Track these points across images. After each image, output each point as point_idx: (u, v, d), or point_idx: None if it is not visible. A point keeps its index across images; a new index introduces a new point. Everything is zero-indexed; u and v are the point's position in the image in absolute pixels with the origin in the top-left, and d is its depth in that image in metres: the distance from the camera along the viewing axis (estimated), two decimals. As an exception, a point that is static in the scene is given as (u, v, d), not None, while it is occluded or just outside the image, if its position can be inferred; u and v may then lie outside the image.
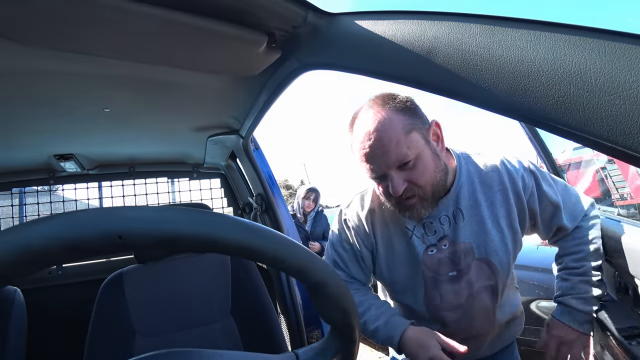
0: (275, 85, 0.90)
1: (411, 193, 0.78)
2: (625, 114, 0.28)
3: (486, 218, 0.85)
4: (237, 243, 0.28)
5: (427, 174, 0.77)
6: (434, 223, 0.86)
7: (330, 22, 0.59)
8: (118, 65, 0.80)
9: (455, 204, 0.85)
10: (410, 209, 0.80)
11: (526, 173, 0.88)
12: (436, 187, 0.80)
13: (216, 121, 1.34)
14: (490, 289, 0.88)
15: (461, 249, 0.85)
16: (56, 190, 2.05)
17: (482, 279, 0.87)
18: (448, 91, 0.44)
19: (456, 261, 0.86)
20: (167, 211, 0.27)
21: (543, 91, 0.33)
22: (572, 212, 0.91)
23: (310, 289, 0.34)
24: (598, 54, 0.30)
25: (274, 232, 0.31)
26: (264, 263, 0.32)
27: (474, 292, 0.87)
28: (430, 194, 0.79)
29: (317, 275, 0.32)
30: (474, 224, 0.85)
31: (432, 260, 0.86)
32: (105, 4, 0.52)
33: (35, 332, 1.52)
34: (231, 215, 0.31)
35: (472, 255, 0.86)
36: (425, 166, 0.77)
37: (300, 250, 0.32)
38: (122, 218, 0.25)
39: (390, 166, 0.75)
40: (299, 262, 0.31)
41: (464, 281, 0.86)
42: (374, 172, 0.78)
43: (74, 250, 0.24)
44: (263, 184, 1.61)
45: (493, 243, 0.85)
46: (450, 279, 0.86)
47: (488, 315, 0.90)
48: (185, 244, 0.27)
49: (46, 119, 1.11)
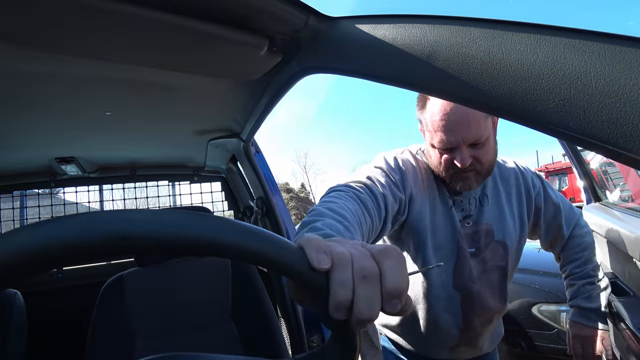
0: (276, 89, 0.91)
1: (471, 167, 0.87)
2: (626, 117, 0.28)
3: (504, 206, 0.98)
4: (241, 248, 0.28)
5: (489, 154, 0.88)
6: (464, 202, 0.96)
7: (331, 26, 0.60)
8: (119, 68, 0.80)
9: (483, 190, 0.98)
10: (464, 180, 0.89)
11: (534, 176, 1.04)
12: (491, 166, 0.91)
13: (217, 124, 1.34)
14: (501, 269, 0.98)
15: (482, 229, 0.95)
16: (57, 193, 2.05)
17: (496, 259, 0.97)
18: (449, 94, 0.44)
19: (476, 239, 0.95)
20: (169, 214, 0.27)
21: (543, 94, 0.33)
22: (568, 215, 1.05)
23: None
24: (598, 57, 0.30)
25: (278, 237, 0.31)
26: (267, 268, 0.32)
27: (487, 268, 0.96)
28: (485, 171, 0.90)
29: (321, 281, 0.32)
30: (495, 209, 0.97)
31: (463, 232, 0.94)
32: (107, 7, 0.53)
33: (35, 334, 1.51)
34: (234, 219, 0.31)
35: (492, 236, 0.96)
36: (490, 148, 0.87)
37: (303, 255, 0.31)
38: (125, 221, 0.25)
39: (466, 141, 0.84)
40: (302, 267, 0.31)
41: (480, 257, 0.95)
42: (448, 142, 0.84)
43: (76, 252, 0.24)
44: (264, 187, 1.61)
45: (509, 228, 0.97)
46: (470, 255, 0.95)
47: (500, 292, 0.99)
48: (189, 247, 0.27)
49: (47, 122, 1.11)
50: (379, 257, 0.32)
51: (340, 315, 0.30)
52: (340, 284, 0.30)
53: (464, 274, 0.94)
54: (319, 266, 0.30)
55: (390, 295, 0.30)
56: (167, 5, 0.55)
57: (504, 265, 0.98)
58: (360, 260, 0.31)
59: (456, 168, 0.87)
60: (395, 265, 0.31)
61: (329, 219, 0.60)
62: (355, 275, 0.30)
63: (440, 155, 0.88)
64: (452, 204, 0.94)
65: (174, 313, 1.17)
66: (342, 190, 0.76)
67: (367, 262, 0.31)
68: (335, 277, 0.30)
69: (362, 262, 0.31)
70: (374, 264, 0.31)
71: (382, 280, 0.31)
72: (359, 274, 0.30)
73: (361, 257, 0.31)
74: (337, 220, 0.61)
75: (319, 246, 0.31)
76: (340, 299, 0.30)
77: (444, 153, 0.88)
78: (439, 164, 0.90)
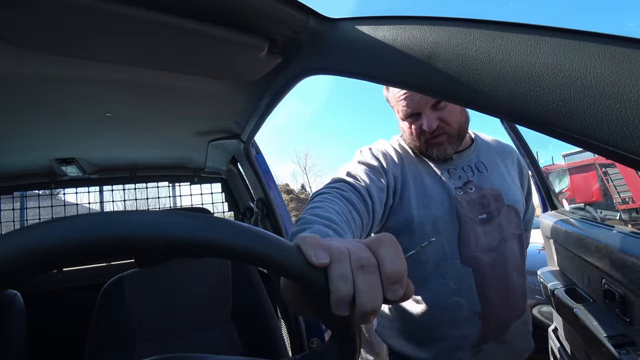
0: (276, 90, 0.91)
1: (441, 131, 0.87)
2: (626, 118, 0.28)
3: (505, 174, 0.97)
4: (238, 248, 0.28)
5: (455, 114, 0.87)
6: (458, 170, 0.94)
7: (331, 28, 0.60)
8: (120, 70, 0.80)
9: (477, 157, 0.97)
10: (438, 146, 0.89)
11: (521, 157, 1.10)
12: (462, 127, 0.90)
13: (217, 126, 1.34)
14: (518, 238, 0.93)
15: (489, 193, 0.91)
16: (57, 194, 2.05)
17: (511, 226, 0.91)
18: (449, 96, 0.44)
19: (485, 204, 0.90)
20: (174, 216, 0.27)
21: (543, 95, 0.33)
22: (531, 204, 1.10)
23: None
24: (598, 58, 0.30)
25: (275, 237, 0.31)
26: (265, 269, 0.32)
27: (505, 236, 0.90)
28: (456, 133, 0.89)
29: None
30: (497, 176, 0.95)
31: (463, 200, 0.90)
32: (107, 9, 0.53)
33: (36, 336, 1.51)
34: (239, 222, 0.31)
35: (502, 200, 0.92)
36: (454, 108, 0.87)
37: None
38: (130, 222, 0.26)
39: (427, 103, 0.84)
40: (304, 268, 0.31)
41: (495, 224, 0.90)
42: (410, 108, 0.86)
43: (80, 252, 0.24)
44: (264, 188, 1.61)
45: (517, 195, 0.95)
46: (480, 222, 0.89)
47: (518, 266, 0.92)
48: (191, 248, 0.27)
49: (48, 123, 1.12)
50: (374, 246, 0.32)
51: (343, 311, 0.30)
52: (340, 277, 0.30)
53: (470, 244, 0.86)
54: (318, 262, 0.30)
55: (390, 280, 0.30)
56: (167, 7, 0.56)
57: (520, 234, 0.93)
58: (357, 252, 0.31)
59: (427, 134, 0.88)
60: (390, 249, 0.31)
61: (317, 225, 0.60)
62: (353, 267, 0.30)
63: (410, 125, 0.90)
64: (440, 174, 0.92)
65: (174, 314, 1.17)
66: (326, 193, 0.76)
67: (364, 253, 0.31)
68: (334, 271, 0.30)
69: (359, 253, 0.31)
70: (370, 254, 0.31)
71: (380, 268, 0.30)
72: (356, 264, 0.30)
73: (357, 249, 0.31)
74: (325, 224, 0.60)
75: (315, 243, 0.31)
76: (342, 294, 0.29)
77: (412, 123, 0.89)
78: (411, 135, 0.91)
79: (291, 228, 1.65)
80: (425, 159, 0.94)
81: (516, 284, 0.90)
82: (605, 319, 0.90)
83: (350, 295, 0.29)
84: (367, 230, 0.80)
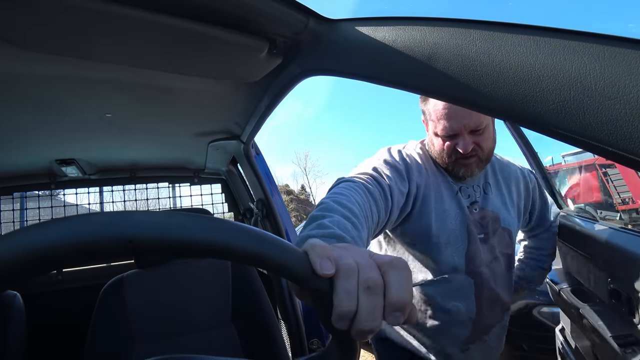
0: (277, 91, 0.91)
1: (473, 153, 0.91)
2: (626, 118, 0.28)
3: (505, 196, 1.03)
4: (248, 251, 0.29)
5: (489, 141, 0.92)
6: (469, 189, 0.99)
7: (331, 28, 0.60)
8: (120, 71, 0.80)
9: (485, 178, 1.03)
10: (466, 166, 0.93)
11: (529, 172, 1.12)
12: (491, 153, 0.95)
13: (217, 126, 1.34)
14: (508, 258, 1.02)
15: (489, 216, 0.99)
16: (57, 195, 2.05)
17: (502, 245, 1.00)
18: (449, 96, 0.44)
19: (484, 225, 0.98)
20: (178, 217, 0.28)
21: (543, 96, 0.33)
22: (551, 208, 1.16)
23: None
24: (598, 58, 0.30)
25: (284, 242, 0.31)
26: (273, 272, 0.32)
27: (496, 255, 0.99)
28: (486, 157, 0.94)
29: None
30: (498, 197, 1.02)
31: (471, 218, 0.97)
32: (107, 10, 0.53)
33: (35, 336, 1.51)
34: (242, 223, 0.31)
35: (498, 223, 1.00)
36: (490, 135, 0.92)
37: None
38: (133, 222, 0.26)
39: (467, 128, 0.88)
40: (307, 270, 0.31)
41: (489, 244, 0.98)
42: (450, 129, 0.89)
43: (84, 253, 0.24)
44: (264, 189, 1.61)
45: (511, 217, 1.02)
46: (480, 240, 0.97)
47: (504, 281, 1.02)
48: (196, 250, 0.27)
49: (48, 124, 1.12)
50: (385, 268, 0.32)
51: (342, 325, 0.30)
52: (345, 293, 0.30)
53: (476, 259, 0.95)
54: (322, 272, 0.30)
55: (393, 307, 0.30)
56: (167, 8, 0.56)
57: (510, 253, 1.01)
58: (366, 271, 0.31)
59: (458, 154, 0.91)
60: (401, 277, 0.31)
61: (337, 215, 0.61)
62: (360, 285, 0.30)
63: (443, 142, 0.92)
64: (457, 190, 0.98)
65: (174, 315, 1.17)
66: (351, 181, 0.78)
67: (373, 273, 0.31)
68: (340, 285, 0.30)
69: (368, 272, 0.31)
70: (379, 275, 0.31)
71: (386, 292, 0.31)
72: (364, 284, 0.30)
73: (367, 268, 0.31)
74: (345, 216, 0.62)
75: (322, 252, 0.31)
76: (344, 309, 0.30)
77: (447, 140, 0.92)
78: (442, 151, 0.94)
79: (291, 228, 1.66)
80: (446, 173, 0.98)
81: (502, 297, 1.00)
82: (611, 318, 0.91)
83: (352, 312, 0.30)
84: (381, 228, 0.83)
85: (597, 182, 2.29)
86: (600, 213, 1.97)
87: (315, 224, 0.57)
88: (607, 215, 2.17)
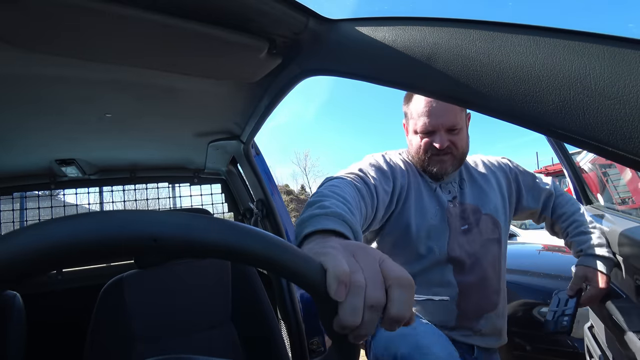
0: (277, 91, 0.91)
1: (448, 151, 0.99)
2: (625, 118, 0.28)
3: (483, 186, 1.10)
4: (267, 257, 0.30)
5: (463, 142, 1.01)
6: (448, 185, 1.08)
7: (331, 28, 0.60)
8: (120, 71, 0.80)
9: (460, 176, 1.10)
10: (441, 162, 1.00)
11: (501, 160, 1.19)
12: (464, 153, 1.03)
13: (217, 127, 1.34)
14: (496, 241, 1.07)
15: (469, 208, 1.06)
16: (57, 195, 2.05)
17: (488, 232, 1.06)
18: (449, 96, 0.44)
19: (465, 217, 1.05)
20: (201, 219, 0.28)
21: (543, 96, 0.33)
22: (542, 179, 1.19)
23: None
24: (598, 59, 0.30)
25: (302, 252, 0.33)
26: (289, 280, 0.34)
27: (483, 241, 1.05)
28: (459, 157, 1.01)
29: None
30: (475, 190, 1.09)
31: (452, 212, 1.04)
32: (107, 10, 0.53)
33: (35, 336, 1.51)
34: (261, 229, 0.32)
35: (480, 212, 1.07)
36: (464, 136, 1.01)
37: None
38: (158, 222, 0.26)
39: (444, 125, 0.96)
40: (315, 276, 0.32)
41: (475, 232, 1.05)
42: (429, 125, 0.97)
43: (108, 249, 0.25)
44: (264, 189, 1.61)
45: (494, 203, 1.08)
46: (463, 232, 1.04)
47: (495, 265, 1.06)
48: (216, 252, 0.28)
49: (48, 124, 1.12)
50: (391, 282, 0.34)
51: (343, 332, 0.33)
52: (352, 309, 0.32)
53: (456, 249, 1.02)
54: (335, 297, 0.32)
55: (391, 320, 0.33)
56: (167, 8, 0.56)
57: (497, 237, 1.07)
58: (372, 290, 0.33)
59: (434, 150, 0.98)
60: (404, 296, 0.33)
61: (334, 199, 0.64)
62: (365, 303, 0.33)
63: (421, 139, 1.00)
64: (436, 187, 1.06)
65: (174, 315, 1.17)
66: (340, 178, 0.83)
67: (378, 293, 0.33)
68: (348, 302, 0.32)
69: (374, 292, 0.33)
70: (384, 295, 0.33)
71: (386, 307, 0.33)
72: (369, 303, 0.33)
73: (373, 286, 0.33)
74: (342, 202, 0.65)
75: (341, 276, 0.32)
76: (349, 324, 0.32)
77: (425, 137, 0.99)
78: (419, 148, 1.01)
79: (291, 228, 1.66)
80: (424, 174, 1.06)
81: (491, 281, 1.05)
82: (637, 314, 0.91)
83: (355, 326, 0.32)
84: (369, 224, 0.90)
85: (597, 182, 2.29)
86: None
87: (316, 205, 0.61)
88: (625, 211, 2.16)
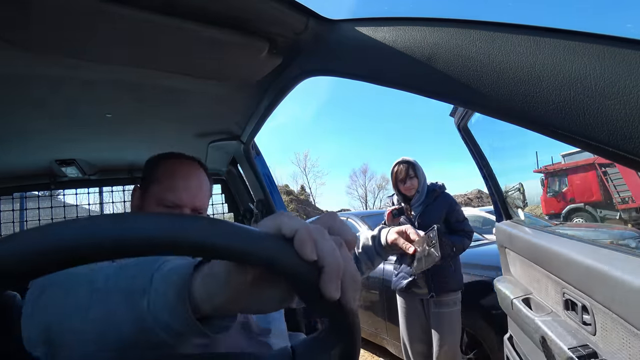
0: (277, 92, 0.91)
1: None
2: (625, 119, 0.28)
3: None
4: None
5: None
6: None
7: (331, 29, 0.60)
8: (120, 71, 0.80)
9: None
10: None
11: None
12: None
13: (217, 127, 1.34)
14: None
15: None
16: (57, 196, 2.05)
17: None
18: (448, 97, 0.44)
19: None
20: (222, 224, 0.28)
21: (543, 96, 0.33)
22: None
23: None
24: (598, 59, 0.30)
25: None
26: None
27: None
28: None
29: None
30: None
31: None
32: (107, 10, 0.53)
33: None
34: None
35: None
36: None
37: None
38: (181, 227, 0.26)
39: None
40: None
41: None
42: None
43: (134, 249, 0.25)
44: (264, 189, 1.61)
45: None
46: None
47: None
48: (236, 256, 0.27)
49: (48, 124, 1.11)
50: (322, 222, 0.34)
51: (336, 290, 0.28)
52: (331, 251, 0.29)
53: None
54: (310, 258, 0.28)
55: (350, 244, 0.33)
56: (167, 8, 0.56)
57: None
58: (323, 231, 0.31)
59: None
60: (339, 223, 0.34)
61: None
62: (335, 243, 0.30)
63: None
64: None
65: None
66: None
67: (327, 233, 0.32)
68: (324, 250, 0.29)
69: (325, 233, 0.31)
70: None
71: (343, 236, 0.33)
72: (336, 241, 0.31)
73: (321, 229, 0.31)
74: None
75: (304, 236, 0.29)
76: (334, 267, 0.28)
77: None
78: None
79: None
80: None
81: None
82: (566, 329, 0.90)
83: (341, 268, 0.28)
84: None
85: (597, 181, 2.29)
86: (600, 212, 1.97)
87: None
88: (607, 214, 2.18)
